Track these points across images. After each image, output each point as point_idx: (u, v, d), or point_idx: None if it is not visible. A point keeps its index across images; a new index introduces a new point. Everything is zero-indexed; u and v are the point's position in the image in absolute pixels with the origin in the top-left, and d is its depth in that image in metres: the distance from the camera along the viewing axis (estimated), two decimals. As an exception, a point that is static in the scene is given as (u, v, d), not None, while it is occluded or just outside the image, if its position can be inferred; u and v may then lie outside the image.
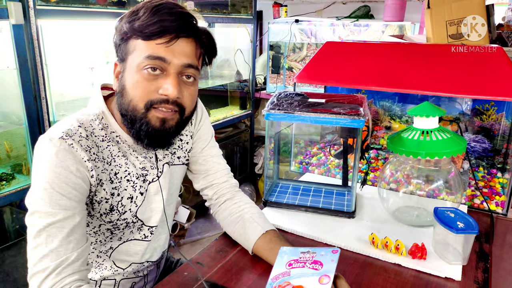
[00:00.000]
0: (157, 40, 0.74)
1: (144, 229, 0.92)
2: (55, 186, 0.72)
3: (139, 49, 0.76)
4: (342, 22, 2.88)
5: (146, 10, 0.75)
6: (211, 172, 1.01)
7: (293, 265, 0.74)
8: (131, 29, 0.75)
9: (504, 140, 1.31)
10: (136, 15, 0.76)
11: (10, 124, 1.63)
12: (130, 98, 0.77)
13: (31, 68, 1.51)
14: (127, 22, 0.76)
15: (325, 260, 0.73)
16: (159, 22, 0.74)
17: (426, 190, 1.06)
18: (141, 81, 0.76)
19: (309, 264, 0.73)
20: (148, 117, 0.78)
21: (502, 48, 1.12)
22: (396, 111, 1.48)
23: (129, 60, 0.78)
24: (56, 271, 0.70)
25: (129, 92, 0.78)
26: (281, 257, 0.77)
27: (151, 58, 0.75)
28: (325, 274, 0.70)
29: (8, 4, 1.41)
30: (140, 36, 0.75)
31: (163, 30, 0.74)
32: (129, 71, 0.78)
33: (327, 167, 1.43)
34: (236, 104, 3.02)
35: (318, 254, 0.74)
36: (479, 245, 0.99)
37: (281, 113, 1.03)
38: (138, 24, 0.75)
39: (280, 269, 0.74)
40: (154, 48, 0.75)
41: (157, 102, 0.77)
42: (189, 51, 0.78)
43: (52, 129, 0.77)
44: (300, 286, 0.69)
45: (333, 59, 1.32)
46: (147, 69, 0.76)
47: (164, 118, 0.78)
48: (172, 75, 0.77)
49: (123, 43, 0.78)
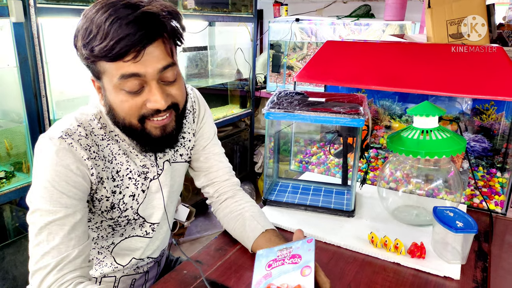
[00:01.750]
0: (124, 58, 0.69)
1: (145, 226, 0.92)
2: (55, 185, 0.72)
3: (109, 70, 0.72)
4: (342, 21, 2.88)
5: (99, 28, 0.68)
6: (213, 170, 1.01)
7: (272, 265, 0.73)
8: (92, 55, 0.70)
9: (503, 140, 1.31)
10: (92, 37, 0.69)
11: (10, 122, 1.63)
12: (123, 116, 0.76)
13: (31, 66, 1.51)
14: (85, 47, 0.70)
15: (303, 251, 0.73)
16: (118, 42, 0.67)
17: (426, 190, 1.06)
18: (125, 100, 0.74)
19: (287, 260, 0.72)
20: (147, 128, 0.78)
21: (502, 48, 1.12)
22: (396, 110, 1.48)
23: (104, 81, 0.74)
24: (58, 268, 0.70)
25: (118, 111, 0.76)
26: (259, 261, 0.76)
27: (125, 77, 0.71)
28: (306, 265, 0.70)
29: (9, 2, 1.40)
30: (104, 59, 0.70)
31: (126, 49, 0.68)
32: (109, 91, 0.75)
33: (327, 166, 1.43)
34: (236, 103, 3.02)
35: (294, 248, 0.74)
36: (478, 244, 0.99)
37: (281, 112, 1.03)
38: (98, 49, 0.68)
39: (260, 272, 0.73)
40: (124, 66, 0.70)
41: (150, 114, 0.76)
42: (159, 53, 0.72)
43: (51, 128, 0.77)
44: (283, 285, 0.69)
45: (333, 58, 1.33)
46: (124, 89, 0.73)
47: (163, 126, 0.79)
48: (153, 85, 0.73)
49: (90, 64, 0.73)
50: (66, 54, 1.67)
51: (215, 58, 2.97)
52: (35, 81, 1.54)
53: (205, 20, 2.49)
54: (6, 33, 1.46)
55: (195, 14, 2.35)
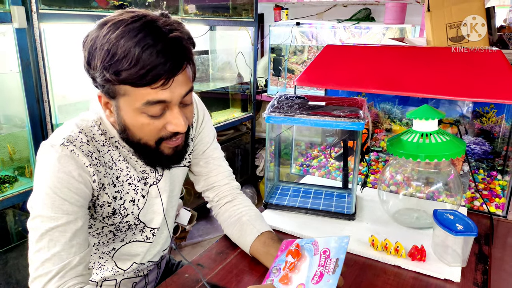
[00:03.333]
0: (152, 85, 0.69)
1: (146, 231, 0.93)
2: (57, 191, 0.72)
3: (132, 94, 0.71)
4: (343, 25, 2.89)
5: (128, 53, 0.66)
6: (212, 174, 1.02)
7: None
8: (117, 79, 0.69)
9: (504, 143, 1.31)
10: (117, 60, 0.67)
11: (13, 127, 1.64)
12: (139, 137, 0.77)
13: (34, 71, 1.53)
14: (107, 68, 0.68)
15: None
16: (150, 70, 0.67)
17: (426, 192, 1.06)
18: (146, 124, 0.74)
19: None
20: (161, 148, 0.79)
21: (501, 51, 1.13)
22: (397, 113, 1.49)
23: (121, 101, 0.73)
24: (59, 275, 0.70)
25: (135, 132, 0.76)
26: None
27: (151, 103, 0.71)
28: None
29: (12, 8, 1.42)
30: (130, 84, 0.69)
31: (157, 77, 0.68)
32: (127, 112, 0.74)
33: (328, 170, 1.43)
34: (238, 107, 3.03)
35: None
36: (479, 247, 0.99)
37: (282, 116, 1.04)
38: (127, 74, 0.67)
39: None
40: (151, 93, 0.70)
41: (168, 137, 0.77)
42: (184, 79, 0.73)
43: (53, 135, 0.78)
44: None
45: (334, 62, 1.33)
46: (147, 113, 0.73)
47: (176, 146, 0.80)
48: (176, 110, 0.74)
49: (107, 85, 0.71)
50: (68, 59, 1.68)
51: (216, 62, 2.98)
52: (38, 86, 1.55)
53: (206, 25, 2.50)
54: (9, 39, 1.48)
55: (196, 19, 2.36)
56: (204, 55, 2.83)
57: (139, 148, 0.79)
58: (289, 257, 0.76)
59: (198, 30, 2.54)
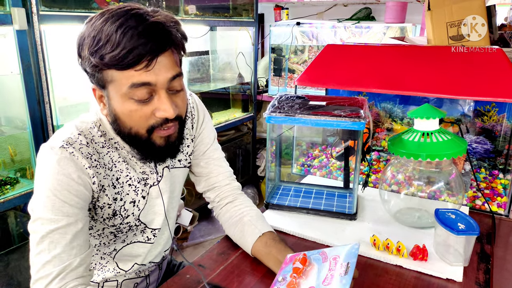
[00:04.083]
0: (135, 67, 0.70)
1: (147, 232, 0.93)
2: (57, 194, 0.72)
3: (118, 79, 0.72)
4: (343, 24, 2.89)
5: (110, 36, 0.68)
6: (213, 174, 1.02)
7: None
8: (102, 63, 0.70)
9: (505, 141, 1.31)
10: (101, 45, 0.69)
11: (14, 129, 1.64)
12: (130, 126, 0.77)
13: (34, 73, 1.53)
14: (93, 54, 0.70)
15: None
16: (131, 51, 0.68)
17: (428, 192, 1.06)
18: (134, 110, 0.74)
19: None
20: (153, 138, 0.78)
21: (502, 50, 1.13)
22: (398, 113, 1.48)
23: (110, 89, 0.74)
24: (60, 277, 0.71)
25: (125, 120, 0.76)
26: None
27: (136, 86, 0.72)
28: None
29: (12, 10, 1.42)
30: (114, 68, 0.71)
31: (139, 58, 0.69)
32: (116, 100, 0.75)
33: (329, 169, 1.43)
34: (238, 107, 3.03)
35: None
36: (481, 246, 0.99)
37: (282, 116, 1.04)
38: (109, 57, 0.69)
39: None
40: (135, 75, 0.71)
41: (158, 124, 0.77)
42: (169, 62, 0.74)
43: (52, 138, 0.78)
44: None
45: (334, 62, 1.33)
46: (134, 98, 0.73)
47: (167, 136, 0.79)
48: (163, 94, 0.74)
49: (96, 73, 0.73)
50: (69, 61, 1.68)
51: (216, 63, 2.98)
52: (39, 88, 1.55)
53: (207, 25, 2.50)
54: (9, 41, 1.48)
55: (197, 19, 2.36)
56: (205, 55, 2.83)
57: (131, 139, 0.79)
58: (297, 263, 0.75)
59: (198, 30, 2.54)
